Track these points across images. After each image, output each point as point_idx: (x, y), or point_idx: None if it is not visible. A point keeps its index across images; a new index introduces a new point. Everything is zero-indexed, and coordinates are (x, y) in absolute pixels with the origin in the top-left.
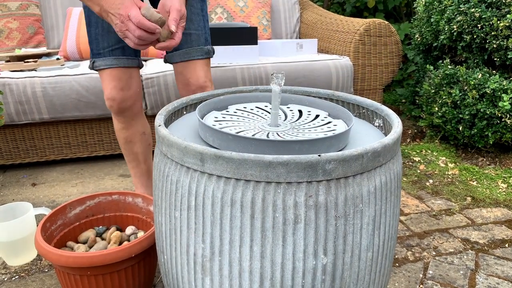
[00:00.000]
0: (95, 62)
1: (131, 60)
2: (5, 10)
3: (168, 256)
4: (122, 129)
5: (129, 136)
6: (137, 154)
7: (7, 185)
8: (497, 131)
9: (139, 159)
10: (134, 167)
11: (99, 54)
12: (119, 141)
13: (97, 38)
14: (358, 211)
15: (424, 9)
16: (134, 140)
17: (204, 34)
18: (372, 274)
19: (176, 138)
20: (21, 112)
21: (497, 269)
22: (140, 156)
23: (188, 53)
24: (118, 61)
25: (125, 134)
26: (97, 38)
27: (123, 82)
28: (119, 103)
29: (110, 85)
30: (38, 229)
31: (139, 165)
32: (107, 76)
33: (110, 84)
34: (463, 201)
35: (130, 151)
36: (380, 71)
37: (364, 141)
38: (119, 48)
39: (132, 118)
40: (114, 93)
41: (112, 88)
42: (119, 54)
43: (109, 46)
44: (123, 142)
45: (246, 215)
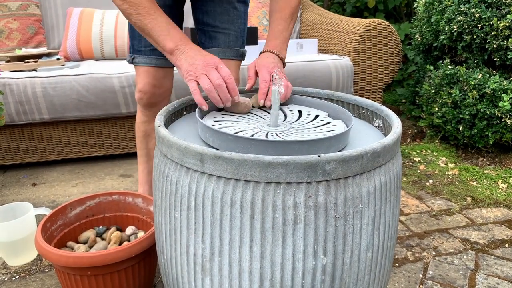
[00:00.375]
0: (135, 58)
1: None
2: (5, 10)
3: (168, 256)
4: (144, 122)
5: (148, 130)
6: (150, 150)
7: (7, 185)
8: (497, 131)
9: (151, 155)
10: (144, 162)
11: (140, 51)
12: (136, 134)
13: (140, 36)
14: (358, 212)
15: (424, 9)
16: (152, 135)
17: (242, 37)
18: (372, 274)
19: (176, 139)
20: (22, 112)
21: (497, 269)
22: (152, 153)
23: (225, 52)
24: (157, 61)
25: (145, 127)
26: (140, 36)
27: (157, 80)
28: (149, 97)
29: (145, 80)
30: (39, 229)
31: (149, 161)
32: (143, 72)
33: (145, 80)
34: (463, 201)
35: (145, 146)
36: (380, 71)
37: (363, 141)
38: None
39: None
40: (147, 88)
41: (146, 83)
42: (158, 54)
43: (151, 45)
44: (141, 135)
45: (245, 215)
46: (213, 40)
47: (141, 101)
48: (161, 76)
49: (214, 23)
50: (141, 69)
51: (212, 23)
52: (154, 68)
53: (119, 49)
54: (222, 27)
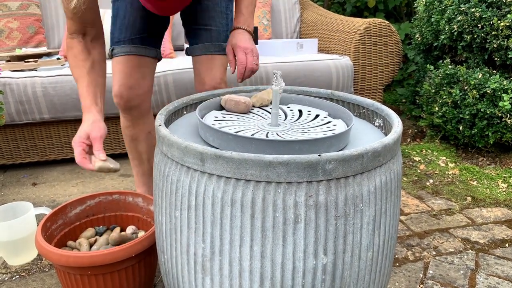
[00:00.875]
0: (114, 49)
1: (149, 50)
2: (5, 10)
3: (169, 255)
4: (128, 127)
5: (134, 134)
6: (141, 153)
7: (7, 185)
8: (498, 131)
9: (142, 158)
10: (137, 165)
11: (119, 42)
12: (124, 139)
13: (121, 28)
14: (358, 211)
15: (424, 9)
16: (139, 139)
17: (225, 31)
18: (372, 274)
19: (176, 138)
20: (22, 112)
21: (497, 269)
22: (143, 155)
23: (207, 47)
24: (135, 49)
25: (131, 132)
26: (121, 28)
27: (134, 80)
28: (126, 101)
29: (120, 81)
30: (39, 228)
31: (142, 164)
32: (119, 70)
33: (120, 81)
34: (463, 201)
35: (134, 149)
36: (381, 71)
37: (364, 141)
38: (139, 38)
39: (139, 117)
40: (123, 91)
41: (121, 85)
42: (137, 43)
43: (130, 36)
44: (128, 140)
45: (246, 214)
46: (197, 37)
47: (119, 106)
48: (139, 76)
49: (195, 21)
50: (117, 65)
51: (194, 21)
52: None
53: None
54: (203, 23)
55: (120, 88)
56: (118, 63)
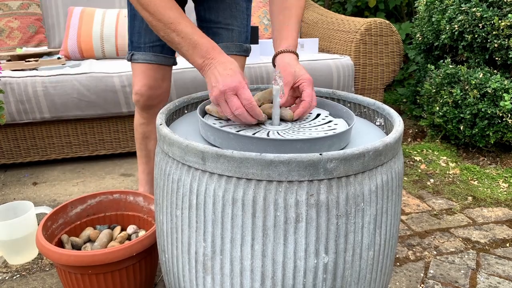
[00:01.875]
0: (134, 55)
1: (168, 59)
2: (6, 9)
3: (169, 255)
4: (142, 124)
5: (147, 132)
6: (150, 151)
7: (8, 184)
8: (498, 131)
9: (151, 156)
10: (144, 163)
11: (139, 48)
12: (135, 135)
13: (140, 32)
14: (360, 210)
15: (425, 8)
16: (151, 137)
17: (245, 32)
18: (373, 273)
19: (177, 137)
20: (22, 111)
21: (498, 268)
22: (152, 154)
23: (228, 47)
24: (156, 58)
25: (144, 129)
26: (139, 32)
27: (155, 81)
28: (146, 100)
29: (142, 81)
30: (40, 227)
31: (149, 162)
32: (141, 73)
33: (142, 81)
34: (464, 200)
35: (145, 147)
36: (381, 71)
37: (365, 140)
38: (159, 46)
39: (155, 116)
40: (144, 90)
41: (143, 84)
42: (158, 51)
43: (150, 42)
44: (140, 136)
45: (247, 213)
46: (216, 36)
47: (138, 103)
48: (159, 77)
49: (216, 19)
50: (138, 68)
51: (215, 19)
52: (152, 66)
53: (120, 48)
54: (225, 22)
55: (142, 87)
56: (138, 68)
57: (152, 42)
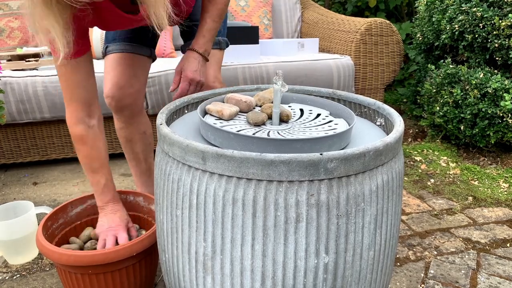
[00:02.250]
0: (108, 47)
1: (144, 49)
2: (6, 9)
3: (170, 254)
4: (122, 128)
5: (128, 135)
6: (137, 154)
7: (8, 184)
8: (499, 131)
9: (139, 158)
10: (134, 165)
11: (114, 39)
12: (120, 140)
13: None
14: (360, 210)
15: (425, 8)
16: (134, 139)
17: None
18: (374, 273)
19: (177, 137)
20: (23, 111)
21: (498, 268)
22: (140, 155)
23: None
24: (129, 47)
25: (125, 133)
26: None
27: (124, 79)
28: (117, 101)
29: (111, 82)
30: (40, 227)
31: (139, 164)
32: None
33: (111, 81)
34: (465, 200)
35: (131, 150)
36: (382, 71)
37: (365, 140)
38: (132, 36)
39: (132, 117)
40: (114, 91)
41: (112, 85)
42: (131, 41)
43: (125, 35)
44: (123, 141)
45: (247, 213)
46: (190, 34)
47: (111, 106)
48: (130, 74)
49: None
50: (109, 65)
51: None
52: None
53: None
54: (196, 19)
55: (112, 88)
56: (110, 61)
57: (129, 34)
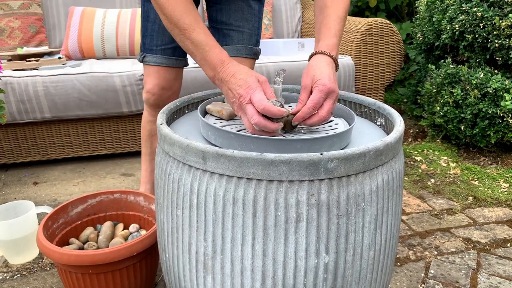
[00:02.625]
0: (146, 57)
1: (180, 61)
2: (7, 9)
3: (170, 254)
4: (150, 122)
5: (154, 130)
6: (154, 150)
7: (9, 184)
8: (499, 131)
9: (155, 155)
10: (148, 161)
11: (151, 50)
12: (142, 133)
13: (152, 34)
14: (360, 210)
15: (426, 8)
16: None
17: (256, 35)
18: (374, 273)
19: (178, 137)
20: (23, 111)
21: (498, 268)
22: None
23: (238, 49)
24: (167, 61)
25: (151, 126)
26: (152, 35)
27: (167, 82)
28: (157, 98)
29: (154, 81)
30: (40, 227)
31: (152, 161)
32: (153, 73)
33: (154, 81)
34: (465, 200)
35: (150, 145)
36: (382, 71)
37: (366, 140)
38: (171, 48)
39: None
40: (156, 90)
41: (155, 84)
42: (169, 54)
43: (162, 45)
44: (146, 134)
45: (248, 213)
46: (226, 37)
47: (148, 102)
48: (172, 78)
49: (228, 20)
50: (151, 69)
51: (226, 21)
52: (164, 68)
53: (120, 48)
54: (236, 24)
55: (155, 87)
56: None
57: (164, 45)
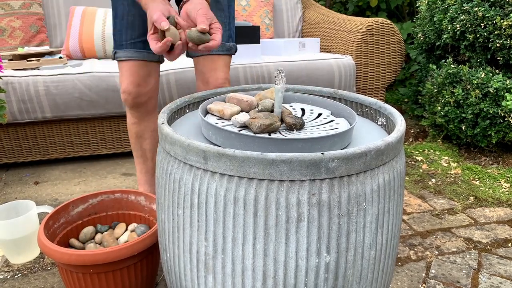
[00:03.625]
0: (117, 53)
1: (151, 55)
2: (8, 8)
3: (171, 254)
4: (134, 124)
5: (140, 131)
6: (145, 151)
7: (10, 184)
8: (500, 131)
9: (147, 155)
10: (141, 163)
11: (121, 45)
12: (129, 135)
13: (121, 30)
14: (361, 210)
15: (427, 8)
16: (145, 136)
17: (227, 30)
18: (375, 273)
19: (179, 136)
20: (24, 111)
21: (500, 268)
22: (148, 153)
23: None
24: (138, 54)
25: (136, 128)
26: (121, 30)
27: (141, 77)
28: (134, 97)
29: (128, 79)
30: (41, 227)
31: (146, 162)
32: (126, 69)
33: (128, 79)
34: (466, 200)
35: (139, 147)
36: (383, 71)
37: (367, 139)
38: (141, 42)
39: (146, 114)
40: (131, 88)
41: (129, 82)
42: (140, 47)
43: (132, 39)
44: (133, 136)
45: (249, 213)
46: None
47: (126, 102)
48: (145, 74)
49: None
50: (124, 66)
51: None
52: (136, 63)
53: None
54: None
55: (129, 85)
56: (123, 65)
57: (133, 39)
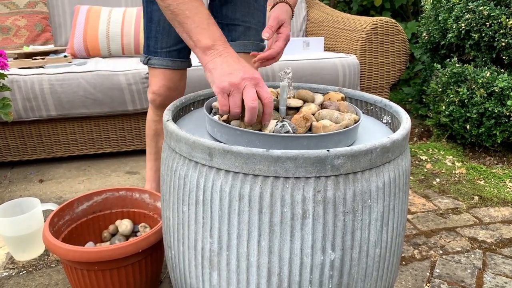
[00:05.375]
0: (151, 59)
1: (184, 62)
2: (13, 7)
3: (176, 251)
4: (155, 121)
5: (159, 129)
6: (159, 149)
7: (14, 181)
8: (505, 130)
9: (160, 153)
10: (153, 160)
11: (156, 52)
12: (147, 132)
13: (157, 36)
14: (367, 207)
15: (431, 7)
16: (162, 135)
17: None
18: (380, 271)
19: (184, 133)
20: (29, 109)
21: (504, 268)
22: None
23: (245, 45)
24: (173, 63)
25: (156, 126)
26: (156, 36)
27: (173, 83)
28: (163, 99)
29: (160, 82)
30: (46, 224)
31: (158, 160)
32: (159, 74)
33: (160, 82)
34: (471, 200)
35: (155, 144)
36: (387, 70)
37: (372, 137)
38: (176, 50)
39: None
40: (162, 91)
41: (161, 85)
42: (175, 56)
43: (167, 47)
44: (151, 133)
45: (254, 209)
46: (232, 33)
47: (154, 102)
48: (177, 79)
49: (233, 15)
50: (156, 70)
51: (232, 16)
52: (170, 70)
53: (125, 47)
54: (242, 19)
55: (160, 88)
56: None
57: (169, 47)
